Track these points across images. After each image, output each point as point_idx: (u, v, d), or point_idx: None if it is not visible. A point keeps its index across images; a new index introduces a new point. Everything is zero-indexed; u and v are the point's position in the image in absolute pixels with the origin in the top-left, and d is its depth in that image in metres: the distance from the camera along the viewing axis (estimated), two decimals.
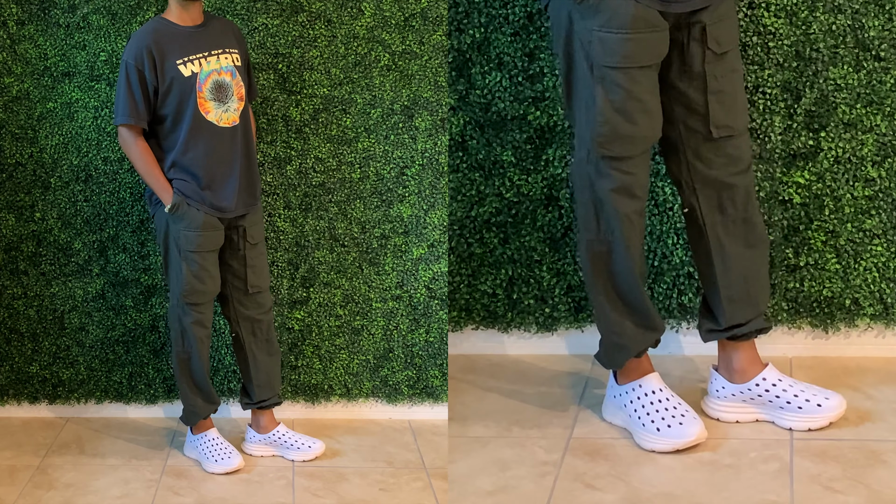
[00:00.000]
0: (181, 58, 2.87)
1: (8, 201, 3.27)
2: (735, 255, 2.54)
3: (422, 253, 3.33)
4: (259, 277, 3.06)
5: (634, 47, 2.36)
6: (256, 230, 3.04)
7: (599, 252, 2.54)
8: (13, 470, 3.03)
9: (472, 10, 2.95)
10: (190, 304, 2.97)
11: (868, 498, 2.27)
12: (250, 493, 2.89)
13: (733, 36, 2.46)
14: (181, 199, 2.89)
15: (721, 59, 2.44)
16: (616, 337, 2.59)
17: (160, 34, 2.88)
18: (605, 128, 2.42)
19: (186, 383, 3.06)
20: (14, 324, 3.34)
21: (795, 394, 2.54)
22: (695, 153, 2.50)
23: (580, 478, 2.45)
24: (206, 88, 2.89)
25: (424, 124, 3.25)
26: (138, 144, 2.89)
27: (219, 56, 2.91)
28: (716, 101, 2.45)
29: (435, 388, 3.41)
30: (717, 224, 2.53)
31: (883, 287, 2.88)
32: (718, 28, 2.41)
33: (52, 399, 3.39)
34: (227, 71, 2.92)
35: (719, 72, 2.44)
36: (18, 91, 3.21)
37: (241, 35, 3.04)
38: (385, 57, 3.21)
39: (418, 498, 2.87)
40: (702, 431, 2.49)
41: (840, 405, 2.52)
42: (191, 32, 2.91)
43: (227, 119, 2.91)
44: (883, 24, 2.75)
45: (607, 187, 2.46)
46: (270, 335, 3.13)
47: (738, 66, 2.48)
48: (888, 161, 2.82)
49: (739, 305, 2.56)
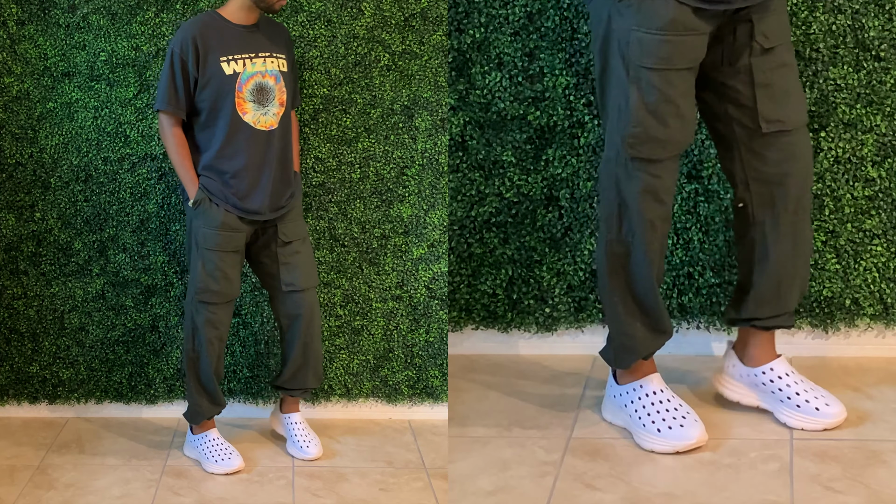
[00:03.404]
0: (225, 55, 2.87)
1: (8, 201, 3.27)
2: (776, 257, 2.53)
3: (422, 253, 3.33)
4: (293, 275, 3.01)
5: (671, 49, 2.35)
6: (290, 228, 2.99)
7: (618, 253, 2.53)
8: (13, 470, 3.03)
9: (472, 10, 2.95)
10: (202, 303, 2.95)
11: (868, 498, 2.27)
12: (250, 493, 2.89)
13: (783, 30, 2.44)
14: (204, 195, 2.89)
15: (769, 54, 2.42)
16: (626, 338, 2.59)
17: (209, 28, 2.88)
18: (637, 129, 2.40)
19: (193, 382, 3.05)
20: (14, 324, 3.34)
21: (798, 392, 2.54)
22: (748, 149, 2.50)
23: (580, 478, 2.45)
24: (246, 89, 2.88)
25: (424, 124, 3.25)
26: (174, 133, 2.90)
27: (265, 59, 2.91)
28: (764, 94, 2.43)
29: (435, 388, 3.41)
30: (765, 222, 2.53)
31: (883, 287, 2.88)
32: (766, 22, 2.40)
33: (52, 399, 3.39)
34: (271, 75, 2.91)
35: (767, 65, 2.43)
36: (18, 91, 3.21)
37: (291, 41, 3.03)
38: (385, 57, 3.21)
39: (418, 498, 2.87)
40: (702, 434, 2.49)
41: (838, 415, 2.52)
42: (241, 31, 2.90)
43: (264, 122, 2.90)
44: (883, 24, 2.75)
45: (635, 189, 2.45)
46: (310, 336, 3.07)
47: (790, 60, 2.46)
48: (888, 161, 2.82)
49: (767, 306, 2.57)
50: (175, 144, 2.89)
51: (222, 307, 2.98)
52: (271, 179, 2.92)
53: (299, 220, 3.03)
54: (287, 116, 2.97)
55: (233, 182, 2.89)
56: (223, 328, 3.01)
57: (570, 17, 2.90)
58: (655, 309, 2.55)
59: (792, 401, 2.54)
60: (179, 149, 2.90)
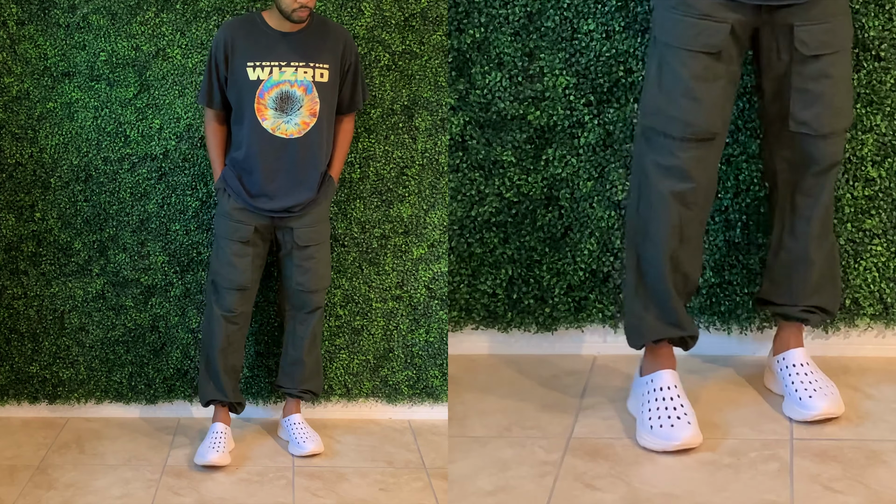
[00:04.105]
0: (253, 60, 2.91)
1: (8, 201, 3.27)
2: (787, 246, 2.61)
3: (422, 253, 3.33)
4: (305, 276, 3.06)
5: (683, 30, 2.41)
6: (306, 233, 3.03)
7: (635, 226, 2.59)
8: (13, 470, 3.03)
9: (472, 10, 2.95)
10: (212, 283, 3.06)
11: (868, 498, 2.27)
12: (250, 493, 2.89)
13: (830, 41, 2.43)
14: (222, 185, 2.99)
15: (811, 61, 2.43)
16: (634, 319, 2.63)
17: (243, 31, 2.94)
18: (649, 100, 2.50)
19: (203, 361, 3.14)
20: (14, 324, 3.34)
21: (793, 381, 2.60)
22: (777, 139, 2.56)
23: (580, 478, 2.45)
24: (269, 97, 2.91)
25: (424, 124, 3.25)
26: (210, 125, 3.05)
27: (297, 68, 2.91)
28: (798, 97, 2.46)
29: (435, 388, 3.41)
30: (785, 215, 2.61)
31: (883, 287, 2.88)
32: (809, 30, 2.41)
33: (52, 399, 3.39)
34: (301, 85, 2.92)
35: (807, 72, 2.44)
36: (18, 91, 3.21)
37: (348, 46, 2.99)
38: (385, 57, 3.21)
39: (418, 498, 2.87)
40: (691, 437, 2.49)
41: (820, 409, 2.54)
42: (279, 38, 2.91)
43: (284, 130, 2.93)
44: (883, 24, 2.75)
45: (649, 158, 2.51)
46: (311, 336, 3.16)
47: (834, 72, 2.44)
48: (888, 161, 2.82)
49: (777, 290, 2.65)
50: (208, 135, 3.05)
51: (229, 293, 3.03)
52: (284, 184, 2.96)
53: (319, 225, 3.06)
54: (321, 126, 2.97)
55: (245, 179, 2.97)
56: (231, 315, 3.06)
57: (570, 17, 2.90)
58: (663, 298, 2.57)
59: (788, 389, 2.60)
60: (211, 139, 3.04)
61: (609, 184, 2.96)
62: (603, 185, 2.97)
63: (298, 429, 3.15)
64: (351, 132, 3.11)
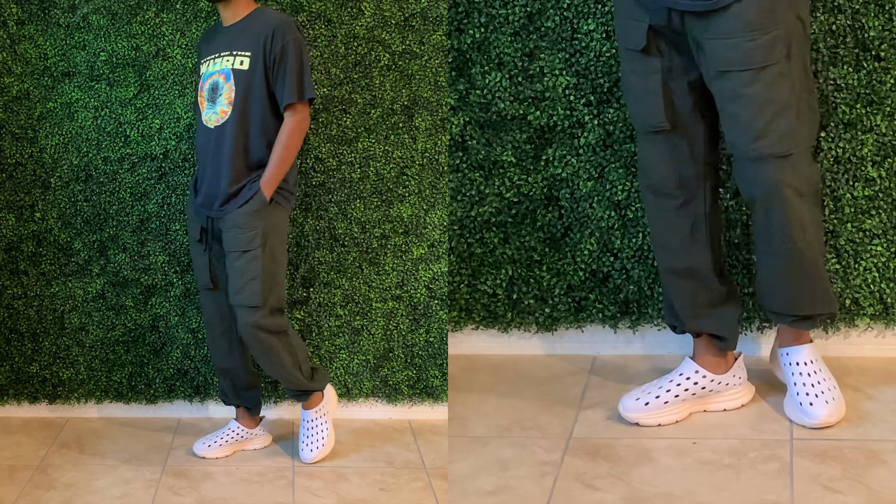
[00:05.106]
0: (205, 57, 2.95)
1: (8, 201, 3.27)
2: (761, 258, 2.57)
3: (422, 253, 3.33)
4: (231, 287, 2.86)
5: (620, 31, 2.53)
6: (229, 237, 2.85)
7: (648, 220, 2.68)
8: (13, 470, 3.03)
9: (472, 10, 2.95)
10: None
11: (868, 498, 2.27)
12: (250, 493, 2.89)
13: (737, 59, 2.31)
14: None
15: (720, 79, 2.36)
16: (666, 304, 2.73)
17: (208, 33, 3.01)
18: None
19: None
20: (14, 324, 3.34)
21: (796, 382, 2.59)
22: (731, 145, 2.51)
23: (580, 478, 2.45)
24: (205, 88, 2.92)
25: (424, 124, 3.25)
26: None
27: (224, 58, 2.90)
28: (722, 116, 2.44)
29: (435, 388, 3.41)
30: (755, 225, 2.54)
31: (883, 287, 2.88)
32: (713, 44, 2.34)
33: (52, 399, 3.39)
34: (222, 73, 2.90)
35: (722, 90, 2.38)
36: (18, 91, 3.21)
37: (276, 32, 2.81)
38: (385, 57, 3.21)
39: (418, 498, 2.87)
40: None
41: (820, 417, 2.53)
42: (224, 32, 2.94)
43: (209, 119, 2.91)
44: (883, 24, 2.75)
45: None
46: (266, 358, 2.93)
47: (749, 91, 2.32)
48: (888, 161, 2.82)
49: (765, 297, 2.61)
50: None
51: (202, 293, 3.05)
52: (215, 176, 2.89)
53: (242, 232, 2.83)
54: (236, 116, 2.84)
55: (196, 173, 3.00)
56: (209, 315, 3.04)
57: (570, 17, 2.90)
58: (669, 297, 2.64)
59: (791, 389, 2.59)
60: None
61: (609, 184, 2.96)
62: (603, 185, 2.97)
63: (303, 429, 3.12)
64: (289, 132, 2.84)
